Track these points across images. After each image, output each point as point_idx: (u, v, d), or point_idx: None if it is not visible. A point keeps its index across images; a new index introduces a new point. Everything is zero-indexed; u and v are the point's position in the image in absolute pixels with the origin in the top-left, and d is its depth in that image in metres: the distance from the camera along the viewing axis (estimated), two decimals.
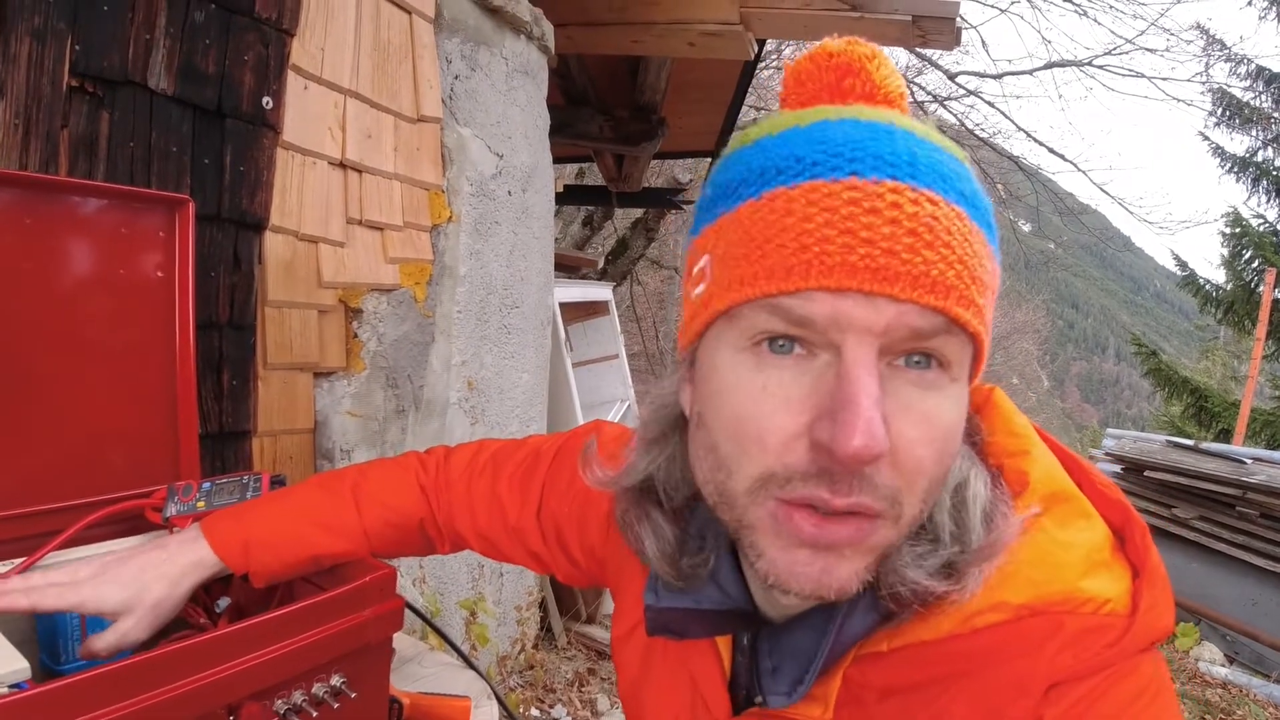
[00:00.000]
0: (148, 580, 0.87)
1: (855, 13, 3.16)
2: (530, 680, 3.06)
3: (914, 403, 0.51)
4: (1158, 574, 0.57)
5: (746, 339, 0.54)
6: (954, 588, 0.55)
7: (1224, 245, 12.96)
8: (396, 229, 2.13)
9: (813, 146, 0.53)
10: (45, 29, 1.25)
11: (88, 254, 1.06)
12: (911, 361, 0.52)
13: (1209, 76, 14.20)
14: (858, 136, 0.52)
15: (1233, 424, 9.22)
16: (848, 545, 0.53)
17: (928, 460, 0.52)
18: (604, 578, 0.91)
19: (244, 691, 0.81)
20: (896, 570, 0.55)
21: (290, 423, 1.84)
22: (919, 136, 0.53)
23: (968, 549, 0.56)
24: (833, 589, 0.53)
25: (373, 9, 1.98)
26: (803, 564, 0.53)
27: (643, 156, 5.59)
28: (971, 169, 0.56)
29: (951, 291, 0.50)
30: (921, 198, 0.50)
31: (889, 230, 0.49)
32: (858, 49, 0.57)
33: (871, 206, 0.49)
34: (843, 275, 0.49)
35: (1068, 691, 0.53)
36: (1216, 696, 4.10)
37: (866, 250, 0.49)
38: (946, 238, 0.50)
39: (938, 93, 13.37)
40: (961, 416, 0.55)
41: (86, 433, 1.06)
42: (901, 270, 0.49)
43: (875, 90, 0.57)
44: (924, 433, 0.51)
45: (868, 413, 0.48)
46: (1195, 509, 5.00)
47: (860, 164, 0.51)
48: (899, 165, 0.51)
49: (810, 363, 0.52)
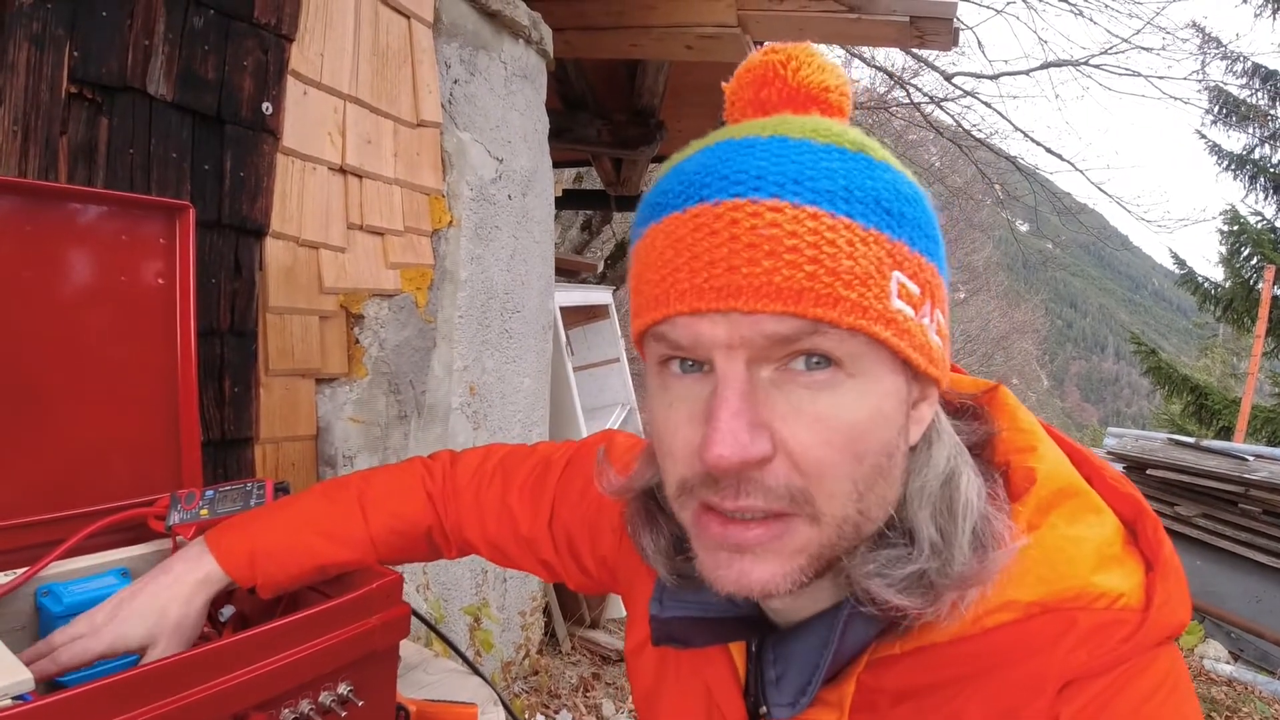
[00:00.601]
0: (163, 605, 0.88)
1: (852, 14, 3.16)
2: (535, 686, 3.05)
3: (804, 404, 0.53)
4: (1171, 567, 0.57)
5: (656, 362, 0.59)
6: (927, 609, 0.55)
7: (1222, 243, 12.99)
8: (397, 234, 2.12)
9: (677, 179, 0.57)
10: (44, 35, 1.25)
11: (88, 261, 1.06)
12: (811, 363, 0.53)
13: (1205, 74, 14.19)
14: (713, 161, 0.55)
15: (1233, 421, 9.23)
16: (758, 545, 0.55)
17: (829, 461, 0.53)
18: (615, 586, 0.92)
19: (250, 701, 0.81)
20: (857, 580, 0.56)
21: (292, 429, 1.83)
22: (793, 140, 0.55)
23: (948, 566, 0.55)
24: (753, 589, 0.55)
25: (371, 14, 1.98)
26: (723, 565, 0.56)
27: (641, 160, 5.59)
28: (868, 157, 0.55)
29: (804, 294, 0.51)
30: (761, 208, 0.52)
31: (727, 249, 0.52)
32: (773, 57, 0.60)
33: (711, 229, 0.52)
34: (693, 298, 0.53)
35: (1083, 689, 0.53)
36: (1221, 694, 4.09)
37: (709, 272, 0.52)
38: (791, 242, 0.51)
39: (934, 94, 13.39)
40: (875, 411, 0.54)
41: (88, 441, 1.06)
42: (743, 284, 0.51)
43: (794, 94, 0.59)
44: (818, 433, 0.53)
45: (725, 424, 0.51)
46: (1198, 507, 4.99)
47: (707, 189, 0.54)
48: (743, 181, 0.53)
49: (707, 379, 0.55)
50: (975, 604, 0.55)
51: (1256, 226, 12.83)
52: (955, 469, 0.59)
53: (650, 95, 4.77)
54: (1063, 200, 16.00)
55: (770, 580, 0.55)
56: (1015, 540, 0.56)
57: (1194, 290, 13.55)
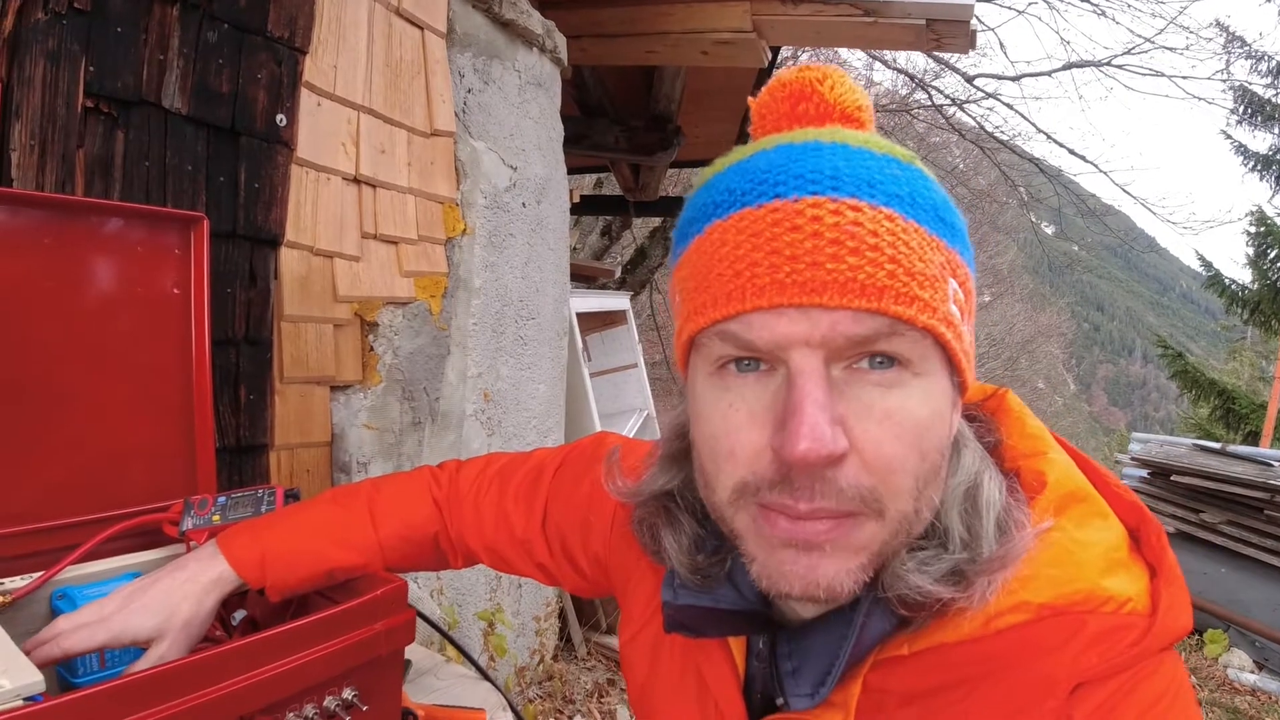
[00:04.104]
0: (175, 602, 0.89)
1: (868, 17, 3.15)
2: (549, 691, 3.06)
3: (875, 402, 0.53)
4: (1174, 574, 0.57)
5: (711, 364, 0.58)
6: (961, 595, 0.56)
7: (1249, 244, 12.77)
8: (411, 242, 2.15)
9: (744, 178, 0.57)
10: (59, 51, 1.28)
11: (105, 272, 1.08)
12: (874, 363, 0.54)
13: (1230, 74, 14.00)
14: (782, 161, 0.56)
15: (1260, 426, 9.08)
16: (828, 541, 0.54)
17: (899, 457, 0.54)
18: (610, 585, 0.92)
19: (255, 705, 0.82)
20: (899, 575, 0.56)
21: (307, 436, 1.86)
22: (853, 147, 0.56)
23: (978, 556, 0.56)
24: (821, 587, 0.55)
25: (385, 25, 2.01)
26: (789, 563, 0.56)
27: (659, 166, 5.61)
28: (919, 169, 0.58)
29: (885, 291, 0.52)
30: (843, 206, 0.53)
31: (811, 244, 0.52)
32: (808, 74, 0.61)
33: (793, 224, 0.53)
34: (774, 294, 0.52)
35: (1094, 691, 0.53)
36: (1245, 703, 4.03)
37: (791, 267, 0.52)
38: (873, 240, 0.52)
39: (956, 96, 13.31)
40: (936, 410, 0.55)
41: (105, 447, 1.08)
42: (828, 279, 0.52)
43: (830, 110, 0.60)
44: (888, 430, 0.53)
45: (811, 418, 0.51)
46: (1223, 513, 4.92)
47: (783, 186, 0.54)
48: (820, 180, 0.54)
49: (771, 378, 0.55)
50: (991, 597, 0.56)
51: None
52: (980, 470, 0.61)
53: (667, 101, 4.78)
54: (1087, 202, 15.82)
55: (836, 577, 0.55)
56: (1036, 526, 0.57)
57: (1221, 292, 13.31)
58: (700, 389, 0.59)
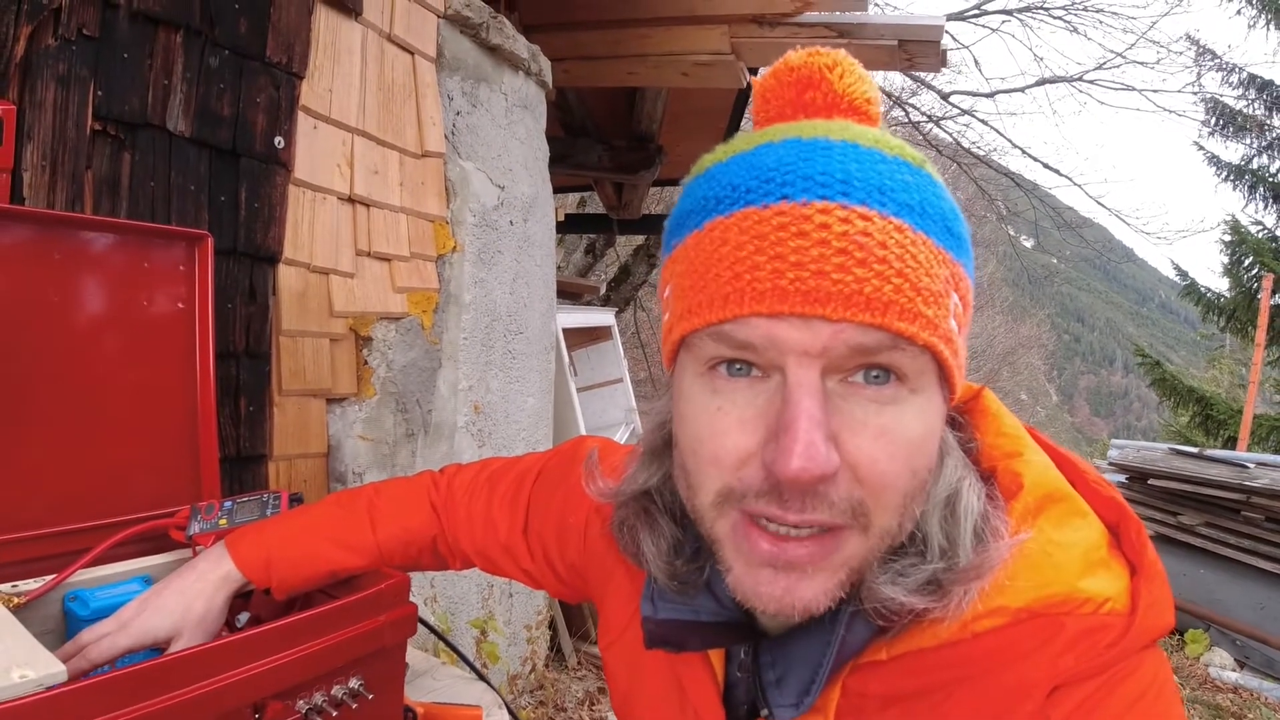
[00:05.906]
0: (188, 600, 0.92)
1: (842, 39, 3.24)
2: (541, 700, 3.07)
3: (870, 418, 0.52)
4: (1155, 570, 0.57)
5: (702, 364, 0.55)
6: (936, 605, 0.55)
7: (1224, 253, 12.85)
8: (404, 260, 2.20)
9: (749, 173, 0.54)
10: (69, 75, 1.32)
11: (113, 287, 1.12)
12: (870, 377, 0.52)
13: (1201, 86, 14.20)
14: (791, 158, 0.53)
15: (1239, 431, 9.18)
16: (809, 563, 0.53)
17: (891, 474, 0.52)
18: (588, 591, 0.92)
19: (268, 691, 0.86)
20: (873, 588, 0.56)
21: (304, 447, 1.90)
22: (864, 148, 0.53)
23: (955, 565, 0.56)
24: (797, 608, 0.54)
25: (377, 51, 2.06)
26: (765, 583, 0.54)
27: (642, 184, 5.63)
28: (930, 174, 0.56)
29: (890, 306, 0.50)
30: (853, 215, 0.50)
31: (818, 252, 0.50)
32: (818, 59, 0.57)
33: (800, 229, 0.50)
34: (774, 300, 0.50)
35: (1072, 693, 0.53)
36: (1227, 701, 4.08)
37: (796, 274, 0.50)
38: (881, 253, 0.50)
39: (932, 112, 13.49)
40: (929, 428, 0.55)
41: (113, 457, 1.11)
42: (833, 290, 0.49)
43: (838, 100, 0.57)
44: (883, 447, 0.52)
45: (806, 435, 0.49)
46: (1200, 515, 4.98)
47: (791, 187, 0.51)
48: (830, 184, 0.51)
49: (763, 384, 0.53)
50: (968, 607, 0.55)
51: (1257, 236, 12.67)
52: (961, 477, 0.59)
53: (649, 121, 4.83)
54: (1064, 215, 16.01)
55: (814, 599, 0.54)
56: (1013, 536, 0.56)
57: (1197, 301, 13.39)
58: (688, 388, 0.57)
